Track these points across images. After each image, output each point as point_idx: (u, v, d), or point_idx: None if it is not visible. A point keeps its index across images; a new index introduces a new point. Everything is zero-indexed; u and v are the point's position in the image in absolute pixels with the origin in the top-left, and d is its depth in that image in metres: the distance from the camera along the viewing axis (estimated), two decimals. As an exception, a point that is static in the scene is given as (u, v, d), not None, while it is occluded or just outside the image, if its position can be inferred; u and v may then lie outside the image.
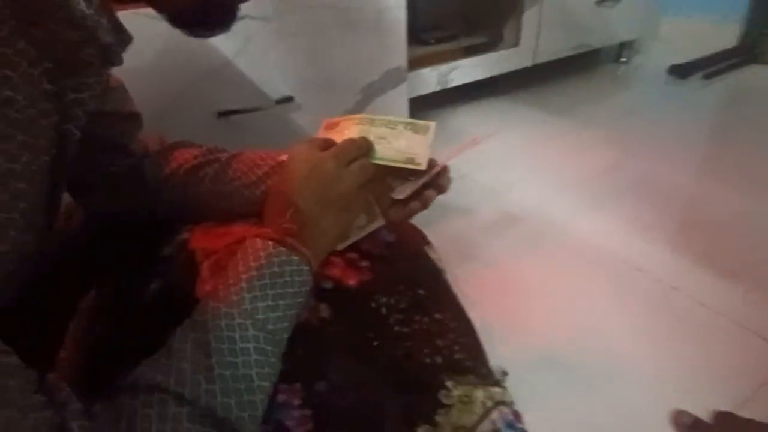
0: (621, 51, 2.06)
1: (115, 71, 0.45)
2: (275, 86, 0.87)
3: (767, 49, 1.92)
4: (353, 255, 0.53)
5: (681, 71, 1.80)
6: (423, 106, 1.62)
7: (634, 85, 1.84)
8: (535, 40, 1.56)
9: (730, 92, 1.72)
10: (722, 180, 1.15)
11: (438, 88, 1.39)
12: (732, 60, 1.89)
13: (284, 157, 0.52)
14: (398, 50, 0.97)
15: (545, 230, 0.99)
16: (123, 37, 0.37)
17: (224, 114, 0.83)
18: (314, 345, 0.43)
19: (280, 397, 0.39)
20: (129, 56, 0.37)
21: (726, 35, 2.04)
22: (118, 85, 0.51)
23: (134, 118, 0.53)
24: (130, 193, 0.53)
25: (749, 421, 0.56)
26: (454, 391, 0.44)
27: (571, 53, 1.73)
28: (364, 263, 0.52)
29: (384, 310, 0.48)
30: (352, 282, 0.49)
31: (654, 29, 2.12)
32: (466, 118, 1.58)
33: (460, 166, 1.28)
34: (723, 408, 0.60)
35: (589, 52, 1.92)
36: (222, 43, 0.81)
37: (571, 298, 0.81)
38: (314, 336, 0.44)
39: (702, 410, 0.60)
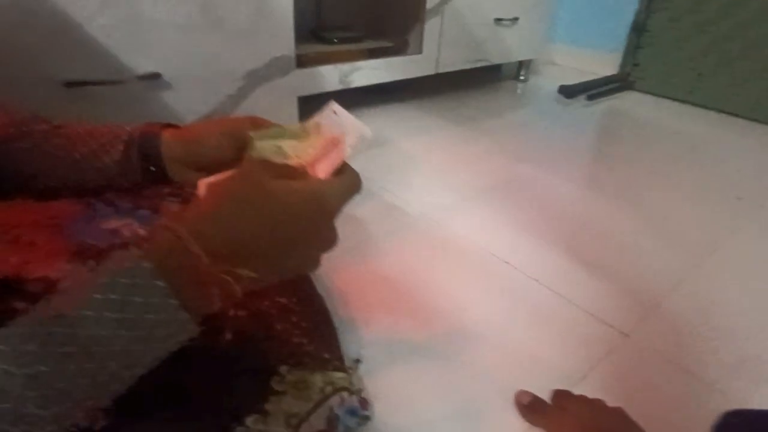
0: (520, 70, 2.21)
1: None
2: (139, 59, 0.79)
3: (639, 78, 2.16)
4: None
5: (568, 92, 1.97)
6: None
7: (530, 102, 1.98)
8: (437, 49, 1.62)
9: (609, 113, 1.91)
10: (594, 187, 1.26)
11: (339, 87, 1.38)
12: (611, 85, 2.10)
13: (121, 131, 0.47)
14: (285, 38, 0.94)
15: (421, 225, 1.01)
16: None
17: (73, 84, 0.74)
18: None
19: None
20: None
21: (608, 63, 2.28)
22: None
23: None
24: None
25: (580, 396, 0.60)
26: (288, 376, 0.42)
27: (471, 66, 1.82)
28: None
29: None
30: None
31: (547, 53, 2.30)
32: (370, 122, 1.59)
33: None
34: (561, 387, 0.63)
35: (492, 68, 2.04)
36: (78, 1, 0.71)
37: (440, 289, 0.83)
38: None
39: (543, 390, 0.63)
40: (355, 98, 1.69)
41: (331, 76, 1.33)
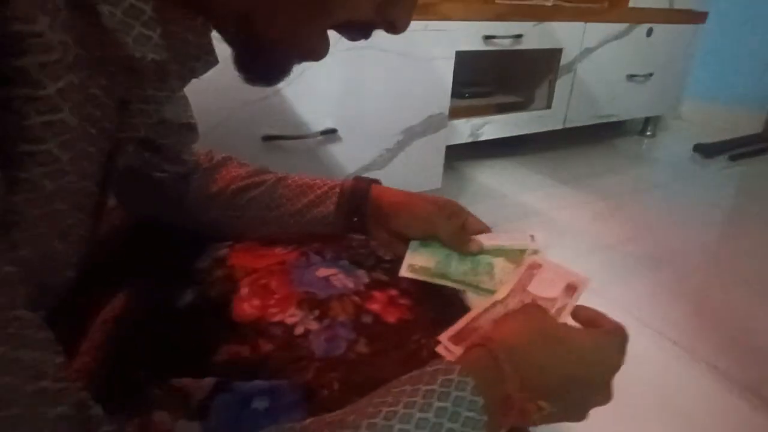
0: (646, 125, 2.10)
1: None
2: (320, 117, 0.89)
3: (792, 139, 1.94)
4: (393, 292, 0.51)
5: (706, 150, 1.82)
6: (455, 157, 1.64)
7: (660, 160, 1.86)
8: (566, 104, 1.59)
9: (755, 176, 1.73)
10: (733, 265, 1.13)
11: (470, 140, 1.40)
12: (757, 145, 1.91)
13: (334, 184, 0.52)
14: (442, 99, 0.99)
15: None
16: (209, 59, 0.35)
17: (269, 138, 0.84)
18: (350, 380, 0.40)
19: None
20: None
21: (748, 121, 2.08)
22: (181, 94, 0.51)
23: (191, 128, 0.53)
24: (175, 203, 0.52)
25: None
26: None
27: (598, 121, 1.76)
28: (404, 301, 0.50)
29: (424, 353, 0.45)
30: (391, 319, 0.47)
31: (677, 108, 2.17)
32: (494, 174, 1.59)
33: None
34: None
35: (615, 123, 1.96)
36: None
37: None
38: (350, 371, 0.41)
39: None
40: (480, 151, 1.70)
41: (463, 129, 1.36)
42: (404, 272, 0.48)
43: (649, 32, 1.67)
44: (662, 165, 1.80)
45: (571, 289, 0.41)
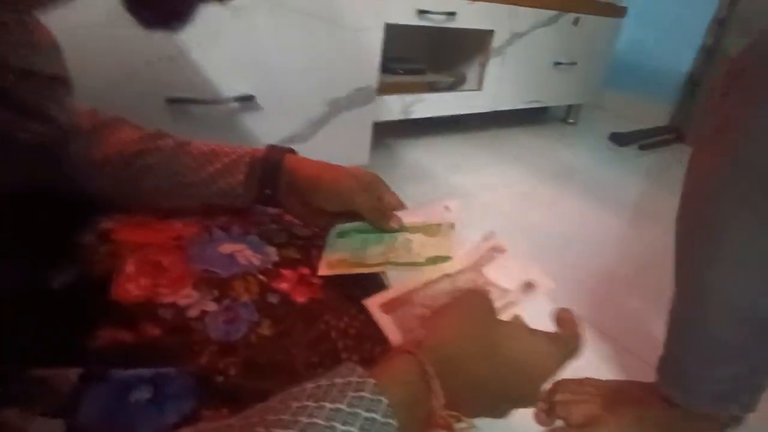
0: (569, 113, 2.20)
1: (62, 30, 0.39)
2: (235, 82, 0.81)
3: (689, 132, 2.13)
4: (305, 270, 0.48)
5: (621, 139, 1.95)
6: (385, 134, 1.62)
7: (579, 146, 1.96)
8: (496, 87, 1.62)
9: (661, 164, 1.88)
10: (640, 246, 1.23)
11: (401, 117, 1.39)
12: (663, 136, 2.07)
13: (244, 152, 0.48)
14: (370, 71, 0.96)
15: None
16: None
17: (175, 101, 0.76)
18: (251, 364, 0.37)
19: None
20: (79, 13, 0.31)
21: (658, 113, 2.26)
22: (49, 42, 0.44)
23: (63, 82, 0.45)
24: (47, 171, 0.45)
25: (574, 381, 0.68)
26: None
27: (525, 106, 1.82)
28: (315, 280, 0.47)
29: (333, 334, 0.43)
30: (300, 299, 0.44)
31: (599, 97, 2.29)
32: (423, 152, 1.59)
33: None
34: None
35: (540, 109, 2.04)
36: (189, 30, 0.75)
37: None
38: (251, 355, 0.38)
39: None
40: (412, 129, 1.70)
41: (394, 105, 1.34)
42: (323, 270, 0.45)
43: (576, 21, 1.74)
44: (581, 151, 1.90)
45: (530, 287, 0.39)
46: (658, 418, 0.66)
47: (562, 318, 0.38)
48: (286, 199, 0.49)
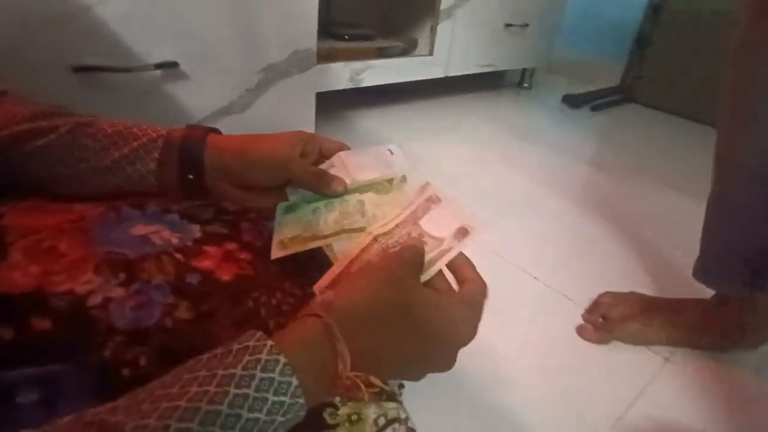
0: (523, 78, 2.20)
1: None
2: (155, 46, 0.73)
3: (641, 92, 2.17)
4: (232, 246, 0.44)
5: (573, 102, 1.96)
6: (334, 105, 1.56)
7: (535, 110, 1.96)
8: (447, 52, 1.58)
9: (612, 123, 1.90)
10: (595, 202, 1.24)
11: (350, 86, 1.33)
12: (614, 97, 2.10)
13: (157, 134, 0.42)
14: (308, 32, 0.89)
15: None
16: None
17: (82, 69, 0.67)
18: (165, 352, 0.34)
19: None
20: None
21: (610, 74, 2.28)
22: None
23: None
24: None
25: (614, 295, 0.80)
26: (342, 408, 0.37)
27: (479, 71, 1.79)
28: (244, 255, 0.43)
29: (263, 311, 0.39)
30: (225, 276, 0.40)
31: (553, 61, 2.29)
32: (376, 122, 1.55)
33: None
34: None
35: (495, 74, 2.02)
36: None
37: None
38: (166, 341, 0.34)
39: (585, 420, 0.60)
40: (360, 97, 1.64)
41: (342, 73, 1.28)
42: (276, 253, 0.41)
43: (525, -19, 1.71)
44: (535, 115, 1.90)
45: (463, 232, 0.38)
46: (689, 319, 0.74)
47: (462, 266, 0.36)
48: (216, 184, 0.44)
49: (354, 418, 0.38)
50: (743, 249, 0.68)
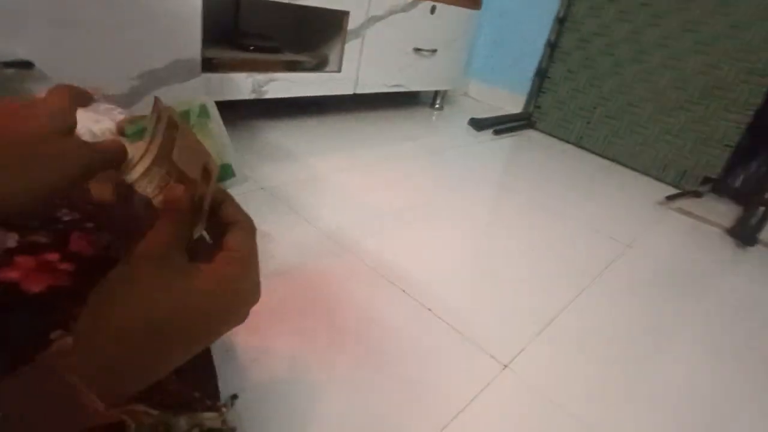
0: (436, 99, 2.31)
1: None
2: (7, 44, 0.68)
3: (540, 120, 2.36)
4: (54, 255, 0.43)
5: (477, 124, 2.09)
6: (241, 116, 1.55)
7: (443, 130, 2.07)
8: (356, 70, 1.63)
9: (512, 147, 2.05)
10: (496, 212, 1.34)
11: (252, 97, 1.33)
12: (515, 123, 2.27)
13: None
14: (191, 41, 0.88)
15: (330, 246, 1.00)
16: None
17: None
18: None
19: None
20: None
21: (516, 102, 2.47)
22: None
23: None
24: None
25: None
26: (146, 419, 0.37)
27: (388, 90, 1.86)
28: (66, 266, 0.42)
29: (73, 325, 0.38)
30: (34, 288, 0.39)
31: (462, 85, 2.44)
32: (281, 134, 1.55)
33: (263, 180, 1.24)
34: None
35: (410, 94, 2.11)
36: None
37: (347, 313, 0.82)
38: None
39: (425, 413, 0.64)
40: (269, 111, 1.64)
41: (243, 84, 1.28)
42: None
43: (433, 9, 1.81)
44: (442, 135, 2.00)
45: (207, 173, 0.33)
46: None
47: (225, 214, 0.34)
48: None
49: (161, 429, 0.38)
50: None
